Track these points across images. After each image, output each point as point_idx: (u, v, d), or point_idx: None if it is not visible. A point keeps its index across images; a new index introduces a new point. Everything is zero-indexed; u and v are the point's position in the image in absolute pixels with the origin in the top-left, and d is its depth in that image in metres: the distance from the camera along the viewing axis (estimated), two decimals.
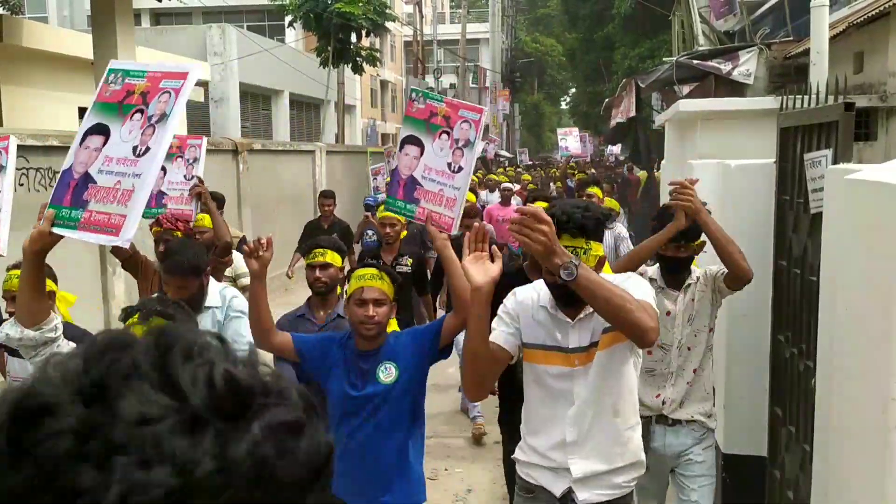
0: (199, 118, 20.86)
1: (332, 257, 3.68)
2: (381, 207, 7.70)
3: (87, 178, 2.47)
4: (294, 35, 25.83)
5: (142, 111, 2.45)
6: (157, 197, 4.29)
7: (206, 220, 4.74)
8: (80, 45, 13.84)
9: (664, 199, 8.01)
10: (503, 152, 35.86)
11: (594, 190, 7.09)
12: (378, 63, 22.17)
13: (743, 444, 4.12)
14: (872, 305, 2.06)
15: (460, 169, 2.93)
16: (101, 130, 2.52)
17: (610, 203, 7.32)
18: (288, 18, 21.22)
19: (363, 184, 15.87)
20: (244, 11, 29.97)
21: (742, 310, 4.09)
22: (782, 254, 3.59)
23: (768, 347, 3.79)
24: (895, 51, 5.95)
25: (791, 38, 7.71)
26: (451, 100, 3.12)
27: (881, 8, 5.65)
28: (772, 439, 3.72)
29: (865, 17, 5.86)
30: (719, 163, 4.78)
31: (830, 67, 4.91)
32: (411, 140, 3.02)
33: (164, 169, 4.19)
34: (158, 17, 30.60)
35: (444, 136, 2.95)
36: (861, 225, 2.17)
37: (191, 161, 4.54)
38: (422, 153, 2.98)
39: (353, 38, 21.06)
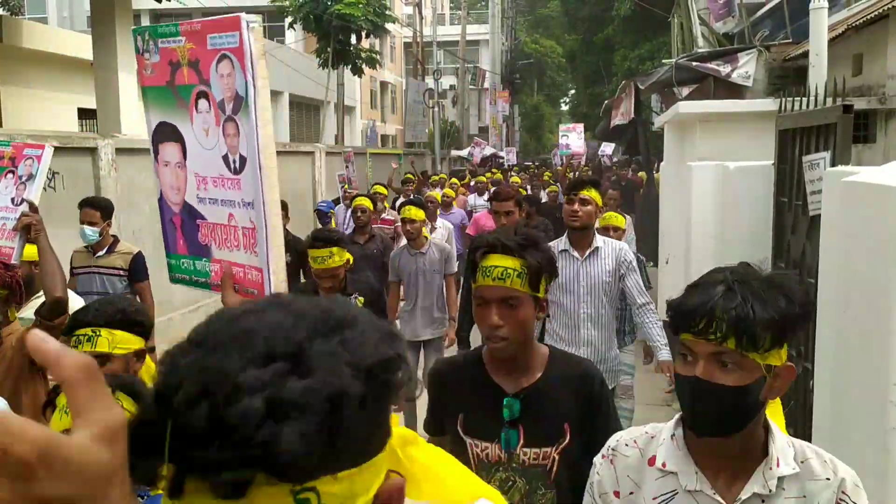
0: None
1: None
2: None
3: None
4: (294, 36, 25.84)
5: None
6: None
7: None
8: (80, 45, 13.85)
9: (664, 201, 8.04)
10: (502, 153, 35.84)
11: (590, 193, 5.61)
12: (378, 65, 22.17)
13: None
14: (870, 307, 2.06)
15: (244, 161, 2.76)
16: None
17: (614, 220, 5.94)
18: (288, 20, 21.22)
19: (362, 185, 15.87)
20: (244, 12, 29.95)
21: None
22: (781, 255, 3.60)
23: None
24: (894, 53, 5.95)
25: (790, 41, 7.72)
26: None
27: (880, 10, 5.66)
28: None
29: (864, 19, 5.87)
30: (718, 164, 4.79)
31: (829, 69, 4.92)
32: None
33: None
34: (158, 17, 30.61)
35: (203, 101, 2.49)
36: (859, 226, 2.18)
37: (24, 179, 3.29)
38: (183, 150, 2.53)
39: (353, 39, 21.07)
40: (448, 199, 10.28)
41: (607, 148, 23.66)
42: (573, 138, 20.09)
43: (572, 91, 40.14)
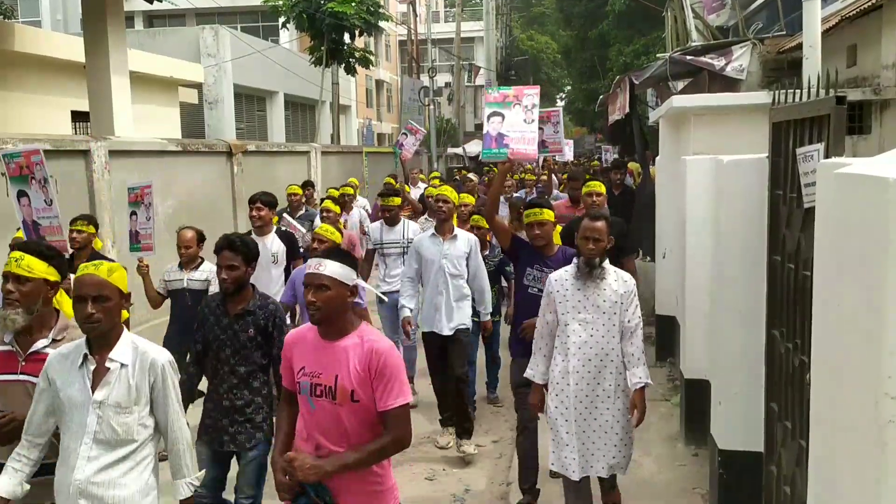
0: (193, 120, 20.82)
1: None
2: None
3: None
4: (288, 36, 25.80)
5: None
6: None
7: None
8: (73, 48, 13.79)
9: (660, 196, 8.02)
10: None
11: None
12: (371, 64, 22.13)
13: (739, 441, 4.11)
14: (864, 300, 2.04)
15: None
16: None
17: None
18: (281, 19, 21.17)
19: (360, 184, 15.83)
20: (237, 13, 29.91)
21: (736, 305, 4.08)
22: (776, 249, 3.58)
23: (763, 343, 3.77)
24: (888, 44, 5.94)
25: (784, 33, 7.71)
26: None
27: (873, 1, 5.64)
28: (768, 435, 3.70)
29: (858, 10, 5.85)
30: (712, 158, 4.77)
31: (823, 61, 4.90)
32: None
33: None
34: (151, 19, 30.52)
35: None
36: (853, 219, 2.16)
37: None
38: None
39: (347, 38, 21.01)
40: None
41: (608, 153, 22.53)
42: (548, 131, 13.94)
43: (568, 87, 40.12)
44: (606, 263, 4.02)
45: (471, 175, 11.57)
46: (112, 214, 8.90)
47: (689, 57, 7.75)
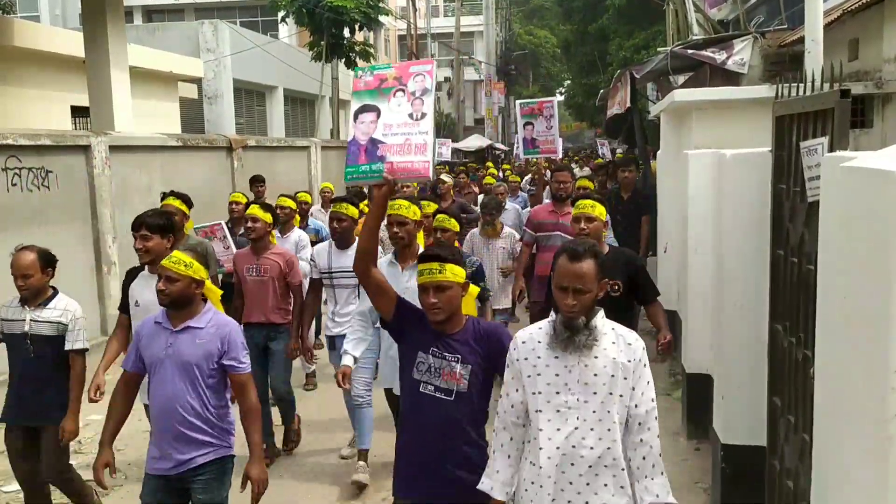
0: (192, 115, 20.79)
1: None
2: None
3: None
4: (287, 31, 25.73)
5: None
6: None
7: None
8: (72, 43, 13.76)
9: (661, 190, 8.01)
10: (499, 145, 35.77)
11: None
12: (372, 58, 22.06)
13: (742, 435, 4.11)
14: (870, 293, 2.04)
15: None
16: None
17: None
18: (280, 14, 21.11)
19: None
20: (236, 7, 29.85)
21: (739, 300, 4.08)
22: (779, 243, 3.57)
23: (766, 337, 3.77)
24: (890, 38, 5.92)
25: (785, 27, 7.69)
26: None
27: None
28: (771, 429, 3.70)
29: (860, 3, 5.83)
30: (715, 152, 4.76)
31: (825, 55, 4.89)
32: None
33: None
34: (151, 14, 30.47)
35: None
36: (858, 212, 2.15)
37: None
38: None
39: (347, 32, 20.96)
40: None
41: (604, 148, 22.42)
42: (540, 126, 10.07)
43: (567, 81, 40.02)
44: (600, 319, 2.69)
45: (444, 177, 10.09)
46: (112, 209, 8.89)
47: (690, 51, 7.73)
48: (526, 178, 11.57)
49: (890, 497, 1.92)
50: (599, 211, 4.45)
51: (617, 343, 2.67)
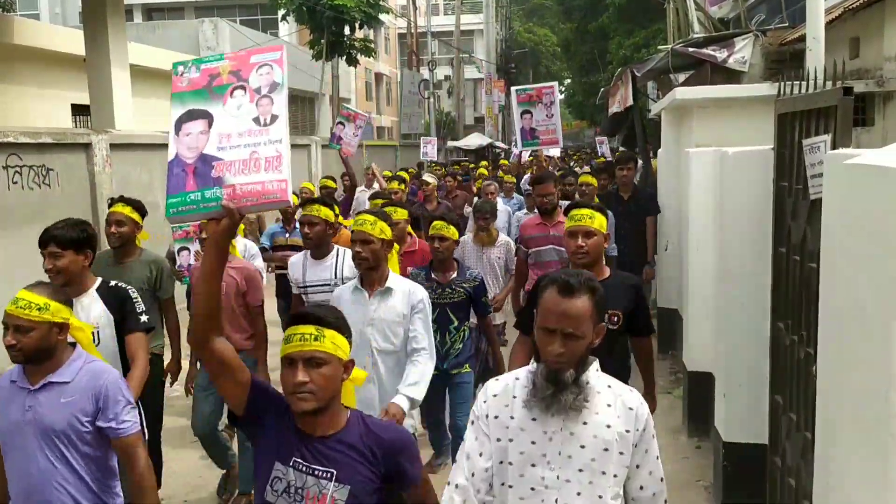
0: None
1: None
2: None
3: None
4: (287, 29, 25.72)
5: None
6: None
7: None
8: (72, 41, 13.76)
9: (661, 187, 8.01)
10: (499, 143, 35.77)
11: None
12: (373, 54, 22.07)
13: (743, 433, 4.12)
14: (873, 291, 2.04)
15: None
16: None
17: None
18: (281, 12, 21.11)
19: (360, 177, 15.82)
20: (236, 6, 29.85)
21: (741, 298, 4.08)
22: (781, 241, 3.57)
23: (767, 335, 3.77)
24: (891, 36, 5.92)
25: (786, 25, 7.68)
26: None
27: None
28: (772, 427, 3.70)
29: (861, 2, 5.83)
30: (716, 150, 4.76)
31: (826, 53, 4.88)
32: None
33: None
34: (151, 12, 30.48)
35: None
36: (861, 210, 2.15)
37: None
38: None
39: (347, 30, 20.97)
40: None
41: (603, 146, 22.20)
42: (539, 115, 9.00)
43: (567, 80, 40.03)
44: (594, 373, 2.16)
45: (427, 177, 9.21)
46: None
47: (691, 49, 7.72)
48: (525, 177, 11.11)
49: (892, 495, 1.92)
50: (599, 223, 3.52)
51: (614, 406, 2.11)
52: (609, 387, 2.16)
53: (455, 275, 4.66)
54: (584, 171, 8.77)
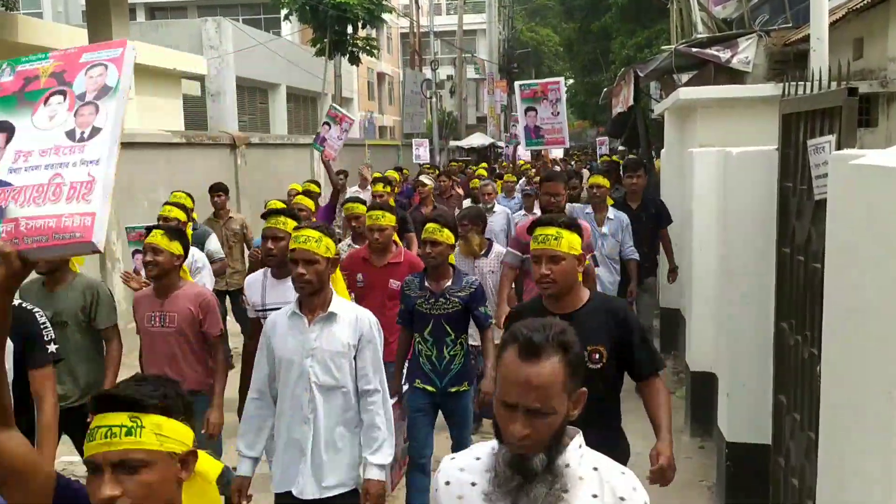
0: (195, 113, 20.81)
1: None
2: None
3: None
4: (290, 28, 25.75)
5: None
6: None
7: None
8: (75, 40, 13.76)
9: (664, 188, 8.01)
10: (501, 143, 35.77)
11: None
12: (375, 53, 22.10)
13: (746, 433, 4.12)
14: (878, 291, 2.04)
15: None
16: None
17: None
18: (283, 11, 21.13)
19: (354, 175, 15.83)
20: (239, 5, 29.88)
21: (745, 298, 4.08)
22: (785, 241, 3.58)
23: (771, 335, 3.78)
24: (895, 36, 5.91)
25: (790, 25, 7.68)
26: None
27: None
28: (776, 427, 3.71)
29: (865, 2, 5.83)
30: (720, 150, 4.77)
31: (830, 54, 4.88)
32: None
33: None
34: (154, 11, 30.51)
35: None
36: (866, 210, 2.16)
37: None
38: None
39: (350, 29, 20.99)
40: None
41: (603, 147, 21.98)
42: (544, 112, 9.03)
43: (570, 80, 40.04)
44: (574, 452, 1.66)
45: (424, 178, 8.80)
46: (116, 206, 8.90)
47: (694, 49, 7.72)
48: (521, 180, 10.84)
49: None
50: (569, 243, 2.76)
51: (602, 496, 1.63)
52: (595, 469, 1.66)
53: (450, 283, 4.19)
54: (597, 171, 8.35)
